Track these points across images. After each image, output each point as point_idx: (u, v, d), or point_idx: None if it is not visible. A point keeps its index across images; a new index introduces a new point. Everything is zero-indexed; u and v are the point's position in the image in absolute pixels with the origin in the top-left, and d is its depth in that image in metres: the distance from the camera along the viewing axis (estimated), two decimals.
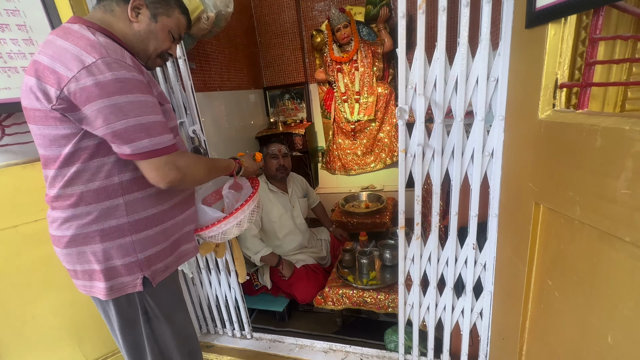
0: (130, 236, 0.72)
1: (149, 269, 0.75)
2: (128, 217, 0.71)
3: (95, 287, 0.73)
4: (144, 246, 0.73)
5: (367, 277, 1.53)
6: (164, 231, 0.77)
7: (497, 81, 0.82)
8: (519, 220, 0.76)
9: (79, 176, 0.66)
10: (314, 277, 1.63)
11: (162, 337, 0.81)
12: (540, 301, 0.74)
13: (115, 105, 0.59)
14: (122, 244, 0.71)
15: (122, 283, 0.74)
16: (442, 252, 1.06)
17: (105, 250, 0.71)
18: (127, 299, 0.76)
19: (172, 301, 0.82)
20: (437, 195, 0.98)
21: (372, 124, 2.74)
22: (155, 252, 0.76)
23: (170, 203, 0.79)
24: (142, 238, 0.73)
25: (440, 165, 0.95)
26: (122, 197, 0.70)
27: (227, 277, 1.40)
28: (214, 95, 2.23)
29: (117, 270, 0.72)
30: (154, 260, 0.76)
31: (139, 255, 0.73)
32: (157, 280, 0.77)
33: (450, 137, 0.92)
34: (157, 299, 0.78)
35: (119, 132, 0.61)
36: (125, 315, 0.76)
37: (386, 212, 2.37)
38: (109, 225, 0.70)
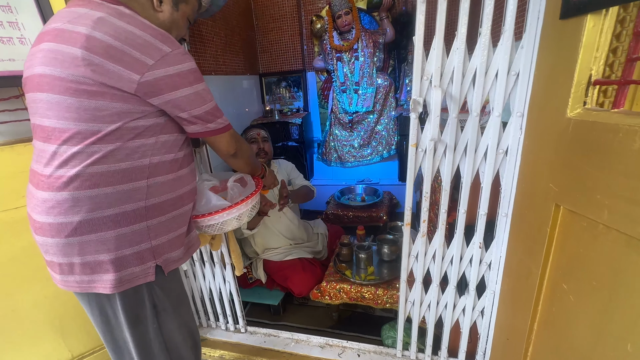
0: (145, 221, 0.69)
1: (162, 256, 0.73)
2: (146, 201, 0.68)
3: (96, 282, 0.68)
4: (157, 232, 0.71)
5: (365, 272, 1.51)
6: (176, 218, 0.75)
7: (518, 76, 0.79)
8: (535, 221, 0.74)
9: (114, 155, 0.64)
10: (310, 269, 1.61)
11: (169, 332, 0.79)
12: (552, 304, 0.73)
13: (197, 93, 0.68)
14: (136, 230, 0.68)
15: (133, 274, 0.69)
16: (447, 250, 1.04)
17: (117, 237, 0.66)
18: (134, 292, 0.72)
19: (179, 292, 0.81)
20: (446, 193, 0.96)
21: (370, 116, 2.70)
22: (168, 240, 0.74)
23: (186, 188, 0.78)
24: (157, 224, 0.71)
25: (452, 162, 0.92)
26: (146, 179, 0.68)
27: (222, 270, 1.36)
28: (208, 80, 2.13)
29: (127, 259, 0.68)
30: (167, 248, 0.74)
31: (152, 242, 0.70)
32: (170, 268, 0.75)
33: (464, 132, 0.89)
34: (166, 290, 0.76)
35: (202, 115, 0.70)
36: (133, 310, 0.73)
37: (383, 206, 2.37)
38: (125, 209, 0.66)
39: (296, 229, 1.79)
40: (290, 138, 2.77)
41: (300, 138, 2.76)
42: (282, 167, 1.88)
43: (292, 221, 1.78)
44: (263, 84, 3.00)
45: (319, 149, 2.94)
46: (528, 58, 0.75)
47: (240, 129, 2.65)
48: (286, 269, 1.61)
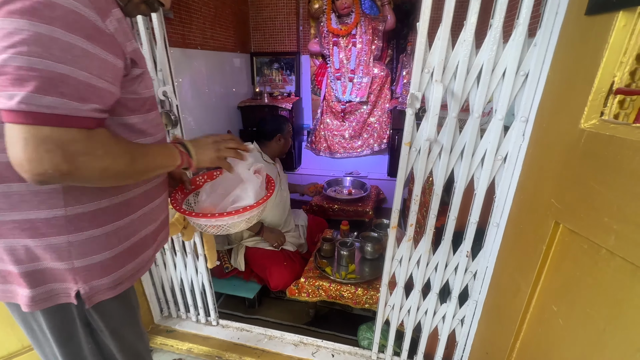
0: (66, 235, 0.54)
1: (87, 283, 0.57)
2: (66, 209, 0.53)
3: (13, 293, 0.57)
4: (85, 250, 0.55)
5: (345, 269, 1.47)
6: (117, 231, 0.58)
7: (527, 77, 0.72)
8: (530, 237, 0.69)
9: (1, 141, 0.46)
10: (290, 264, 1.55)
11: (108, 352, 0.68)
12: (539, 325, 0.69)
13: (3, 30, 0.39)
14: (53, 244, 0.54)
15: (53, 290, 0.57)
16: (432, 257, 0.99)
17: (27, 248, 0.53)
18: (61, 311, 0.59)
19: (122, 314, 0.66)
20: (437, 197, 0.90)
21: (364, 107, 2.63)
22: (101, 261, 0.58)
23: (133, 193, 0.61)
24: (85, 240, 0.55)
25: (447, 165, 0.86)
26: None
27: (194, 260, 1.28)
28: (194, 54, 1.98)
29: (45, 274, 0.55)
30: (97, 273, 0.58)
31: (75, 263, 0.55)
32: (97, 300, 0.59)
33: (462, 134, 0.82)
34: (102, 310, 0.62)
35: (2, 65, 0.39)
36: (61, 329, 0.61)
37: (369, 201, 2.32)
38: (37, 216, 0.52)
39: (287, 215, 1.74)
40: None
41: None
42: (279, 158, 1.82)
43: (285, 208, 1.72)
44: (254, 63, 2.84)
45: (308, 137, 2.86)
46: (540, 58, 0.68)
47: (226, 110, 2.54)
48: (267, 259, 1.55)
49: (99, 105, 0.47)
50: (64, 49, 0.42)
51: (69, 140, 0.43)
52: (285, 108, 2.59)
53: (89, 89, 0.45)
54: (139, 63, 0.55)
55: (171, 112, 1.02)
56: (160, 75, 1.00)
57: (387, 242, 1.59)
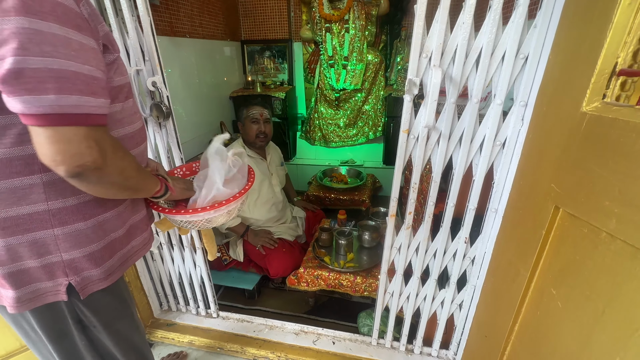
0: (51, 229, 0.53)
1: (78, 274, 0.57)
2: (48, 203, 0.52)
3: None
4: (72, 243, 0.55)
5: (344, 258, 1.47)
6: (103, 224, 0.58)
7: (526, 60, 0.71)
8: (529, 222, 0.69)
9: None
10: (289, 251, 1.56)
11: (103, 347, 0.67)
12: (538, 308, 0.70)
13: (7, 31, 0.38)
14: (38, 239, 0.53)
15: (39, 290, 0.55)
16: (431, 244, 1.00)
17: (9, 247, 0.52)
18: (49, 309, 0.58)
19: (114, 307, 0.65)
20: (436, 185, 0.90)
21: (358, 95, 2.59)
22: (90, 253, 0.57)
23: None
24: (71, 232, 0.55)
25: (445, 152, 0.85)
26: (40, 174, 0.50)
27: (192, 254, 1.27)
28: (182, 43, 1.92)
29: (29, 273, 0.54)
30: (87, 264, 0.57)
31: (63, 255, 0.55)
32: (90, 291, 0.59)
33: (461, 120, 0.81)
34: (94, 305, 0.61)
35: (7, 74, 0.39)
36: (52, 328, 0.60)
37: (365, 190, 2.33)
38: (18, 213, 0.51)
39: (284, 209, 1.75)
40: (273, 113, 2.63)
41: (283, 114, 2.62)
42: (275, 148, 1.81)
43: (283, 202, 1.74)
44: (245, 52, 2.77)
45: (303, 127, 2.83)
46: (540, 40, 0.67)
47: (218, 100, 2.49)
48: (265, 248, 1.55)
49: (106, 98, 0.47)
50: (65, 45, 0.42)
51: (100, 137, 0.46)
52: (279, 97, 2.55)
53: (94, 83, 0.45)
54: (111, 47, 0.53)
55: (162, 104, 0.98)
56: (149, 65, 0.97)
57: (384, 231, 1.61)
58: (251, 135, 1.57)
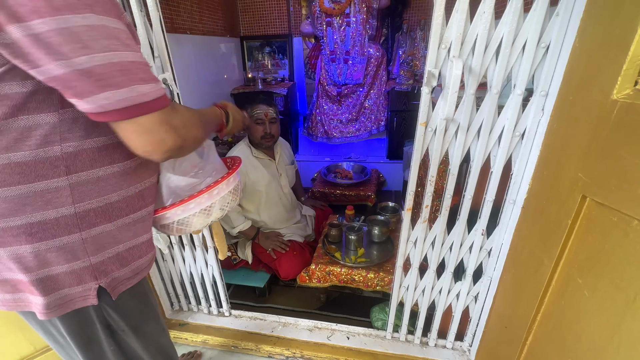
0: (78, 232, 0.52)
1: (107, 275, 0.56)
2: (75, 206, 0.51)
3: (25, 302, 0.55)
4: (99, 246, 0.54)
5: (355, 254, 1.47)
6: (129, 225, 0.57)
7: (547, 49, 0.70)
8: (553, 212, 0.69)
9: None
10: (300, 252, 1.54)
11: (131, 351, 0.66)
12: (562, 298, 0.70)
13: (67, 30, 0.38)
14: (65, 243, 0.52)
15: (68, 296, 0.55)
16: (447, 237, 1.00)
17: (37, 253, 0.50)
18: (78, 315, 0.57)
19: (141, 308, 0.65)
20: (453, 177, 0.89)
21: (360, 89, 2.57)
22: (117, 254, 0.57)
23: (143, 184, 0.59)
24: (98, 235, 0.54)
25: (463, 144, 0.85)
26: (66, 176, 0.49)
27: (203, 253, 1.26)
28: (183, 40, 1.89)
29: (58, 279, 0.53)
30: (115, 265, 0.57)
31: (91, 259, 0.54)
32: (120, 291, 0.59)
33: (480, 112, 0.81)
34: (122, 309, 0.61)
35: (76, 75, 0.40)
36: (80, 333, 0.59)
37: (370, 184, 2.33)
38: (45, 218, 0.50)
39: (292, 210, 1.74)
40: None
41: (285, 110, 2.61)
42: (284, 146, 1.77)
43: (291, 203, 1.73)
44: (244, 48, 2.75)
45: (305, 123, 2.81)
46: (562, 28, 0.66)
47: (218, 97, 2.48)
48: (276, 250, 1.54)
49: (158, 80, 0.48)
50: (117, 36, 0.43)
51: (170, 118, 0.48)
52: (280, 94, 2.54)
53: (148, 68, 0.47)
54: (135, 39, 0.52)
55: (173, 102, 0.97)
56: (158, 61, 0.95)
57: (394, 225, 1.62)
58: (256, 136, 1.53)
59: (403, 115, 2.48)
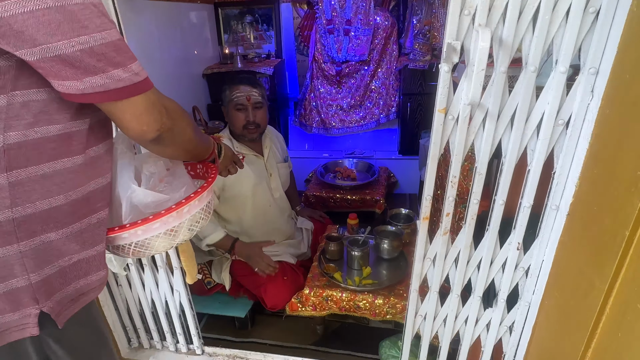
0: (16, 244, 0.52)
1: (51, 298, 0.56)
2: (13, 211, 0.51)
3: None
4: (40, 260, 0.55)
5: (359, 274, 1.48)
6: (77, 235, 0.58)
7: (598, 14, 0.69)
8: (606, 221, 0.69)
9: None
10: (292, 278, 1.54)
11: None
12: (619, 328, 0.69)
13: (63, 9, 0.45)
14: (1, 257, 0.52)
15: (1, 325, 0.54)
16: (473, 252, 0.99)
17: None
18: (10, 351, 0.57)
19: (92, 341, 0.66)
20: (481, 177, 0.89)
21: (365, 68, 2.60)
22: (61, 270, 0.57)
23: (96, 183, 0.61)
24: (39, 246, 0.54)
25: (493, 135, 0.84)
26: (5, 173, 0.50)
27: (167, 275, 1.26)
28: (141, 7, 1.88)
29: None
30: (60, 285, 0.57)
31: (31, 277, 0.54)
32: (67, 317, 0.59)
33: (513, 94, 0.80)
34: (68, 341, 0.61)
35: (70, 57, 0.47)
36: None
37: (379, 187, 2.35)
38: None
39: (285, 221, 1.74)
40: None
41: (271, 94, 2.62)
42: (274, 137, 1.76)
43: (282, 211, 1.72)
44: (220, 17, 2.74)
45: (296, 110, 2.84)
46: None
47: (188, 79, 2.46)
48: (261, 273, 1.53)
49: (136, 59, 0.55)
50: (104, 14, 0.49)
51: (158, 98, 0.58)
52: (265, 74, 2.53)
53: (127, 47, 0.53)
54: None
55: None
56: None
57: (407, 237, 1.61)
58: (237, 126, 1.52)
59: (419, 100, 2.50)
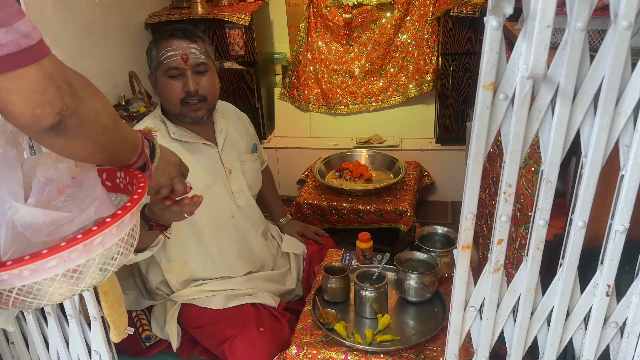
0: None
1: None
2: None
3: None
4: None
5: (373, 326, 1.48)
6: None
7: None
8: None
9: None
10: (271, 329, 1.56)
11: None
12: None
13: None
14: None
15: None
16: (540, 299, 0.99)
17: None
18: None
19: None
20: (550, 186, 0.88)
21: (388, 14, 2.62)
22: None
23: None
24: None
25: (567, 123, 0.83)
26: None
27: (82, 329, 1.26)
28: None
29: None
30: None
31: None
32: None
33: (596, 62, 0.79)
34: None
35: None
36: None
37: (405, 192, 2.36)
38: None
39: (259, 242, 1.75)
40: (228, 54, 2.70)
41: (248, 55, 2.69)
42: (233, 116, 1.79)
43: (254, 226, 1.73)
44: None
45: (285, 79, 2.88)
46: None
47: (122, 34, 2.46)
48: (225, 323, 1.55)
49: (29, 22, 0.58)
50: None
51: (58, 69, 0.61)
52: (239, 24, 2.57)
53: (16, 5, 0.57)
54: None
55: None
56: None
57: (446, 270, 1.59)
58: (172, 100, 1.54)
59: (466, 63, 2.52)
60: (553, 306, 0.99)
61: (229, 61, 2.71)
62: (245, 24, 2.55)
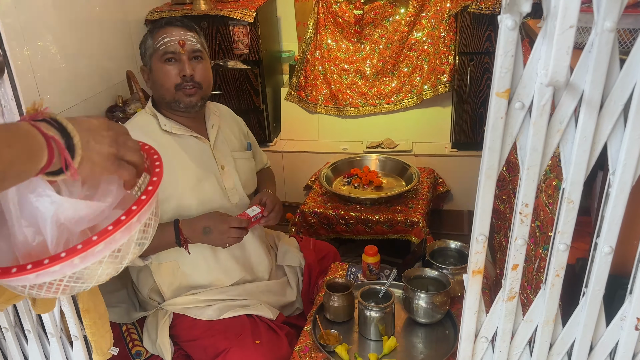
0: None
1: None
2: None
3: None
4: None
5: (378, 349, 1.46)
6: None
7: None
8: None
9: None
10: (269, 342, 1.56)
11: None
12: None
13: None
14: None
15: None
16: (561, 332, 0.96)
17: None
18: None
19: None
20: (572, 205, 0.83)
21: (402, 10, 2.63)
22: None
23: None
24: None
25: (592, 136, 0.79)
26: None
27: (63, 348, 1.25)
28: None
29: None
30: None
31: None
32: None
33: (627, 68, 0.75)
34: None
35: None
36: None
37: (419, 200, 2.38)
38: None
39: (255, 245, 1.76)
40: (232, 53, 2.71)
41: (252, 53, 2.70)
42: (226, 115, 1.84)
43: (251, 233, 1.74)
44: None
45: (292, 79, 2.91)
46: None
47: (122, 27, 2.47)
48: (219, 335, 1.56)
49: None
50: None
51: None
52: (242, 20, 2.59)
53: None
54: None
55: None
56: None
57: (459, 289, 1.55)
58: (168, 86, 1.56)
59: (485, 62, 2.52)
60: (575, 339, 0.96)
61: (233, 60, 2.72)
62: (250, 21, 2.57)
